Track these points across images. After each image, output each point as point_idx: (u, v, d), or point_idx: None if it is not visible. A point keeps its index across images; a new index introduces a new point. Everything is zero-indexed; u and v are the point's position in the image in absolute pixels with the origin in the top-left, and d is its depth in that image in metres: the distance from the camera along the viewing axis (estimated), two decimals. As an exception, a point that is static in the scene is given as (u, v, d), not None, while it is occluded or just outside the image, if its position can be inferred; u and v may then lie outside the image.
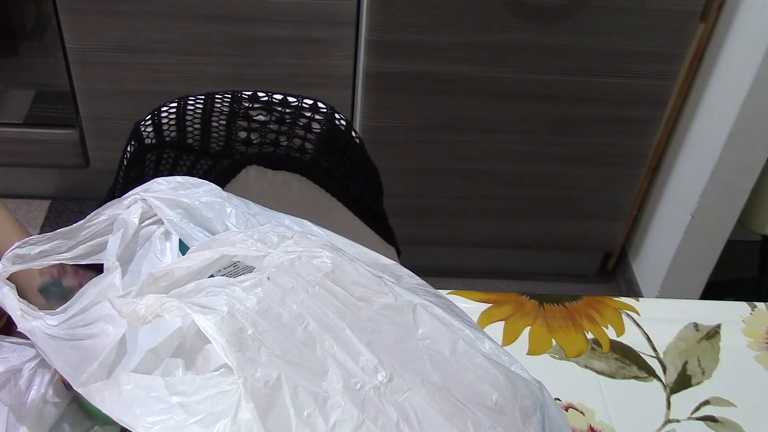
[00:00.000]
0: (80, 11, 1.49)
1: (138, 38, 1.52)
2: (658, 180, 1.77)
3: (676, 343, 0.85)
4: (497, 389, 0.52)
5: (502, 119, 1.59)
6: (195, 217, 0.60)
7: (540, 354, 0.83)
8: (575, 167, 1.68)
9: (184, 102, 0.85)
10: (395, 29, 1.46)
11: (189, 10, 1.48)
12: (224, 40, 1.51)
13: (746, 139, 1.48)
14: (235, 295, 0.49)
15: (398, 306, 0.53)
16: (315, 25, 1.49)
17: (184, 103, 0.86)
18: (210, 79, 1.55)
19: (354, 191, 0.88)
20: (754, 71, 1.39)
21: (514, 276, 1.92)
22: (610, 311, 0.88)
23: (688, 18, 1.47)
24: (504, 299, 0.89)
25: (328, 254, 0.53)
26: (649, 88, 1.55)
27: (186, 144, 0.82)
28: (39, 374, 0.59)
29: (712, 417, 0.78)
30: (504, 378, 0.53)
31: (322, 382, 0.47)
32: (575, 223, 1.78)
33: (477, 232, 1.79)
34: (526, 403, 0.53)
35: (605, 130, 1.61)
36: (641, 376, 0.82)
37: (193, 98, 0.85)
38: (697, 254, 1.68)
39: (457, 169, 1.68)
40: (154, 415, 0.46)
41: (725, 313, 0.89)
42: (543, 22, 1.46)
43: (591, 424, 0.76)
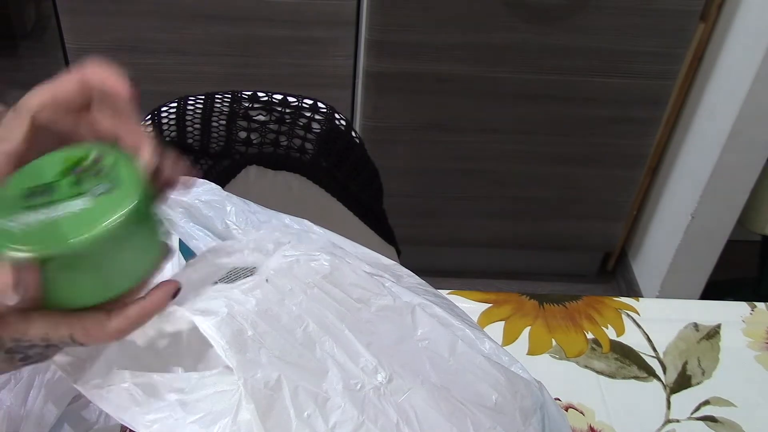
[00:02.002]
0: (80, 11, 1.49)
1: (138, 38, 1.52)
2: (658, 180, 1.77)
3: (676, 343, 0.85)
4: (497, 389, 0.52)
5: (502, 119, 1.59)
6: (195, 216, 0.60)
7: (540, 354, 0.83)
8: (575, 167, 1.68)
9: (183, 102, 0.86)
10: (395, 29, 1.46)
11: (189, 10, 1.48)
12: (224, 40, 1.51)
13: (746, 139, 1.48)
14: (234, 298, 0.49)
15: (396, 308, 0.53)
16: (315, 25, 1.49)
17: (184, 103, 0.86)
18: (210, 79, 1.55)
19: (354, 191, 0.88)
20: (754, 71, 1.39)
21: (514, 276, 1.92)
22: (610, 311, 0.88)
23: (688, 18, 1.47)
24: (504, 299, 0.89)
25: (326, 257, 0.53)
26: (649, 88, 1.55)
27: (186, 144, 0.82)
28: (39, 374, 0.59)
29: (712, 417, 0.78)
30: (504, 378, 0.53)
31: (322, 383, 0.48)
32: (575, 223, 1.78)
33: (477, 232, 1.79)
34: (525, 403, 0.53)
35: (605, 130, 1.61)
36: (641, 376, 0.82)
37: (193, 98, 0.85)
38: (697, 254, 1.68)
39: (457, 169, 1.68)
40: (154, 413, 0.46)
41: (725, 313, 0.89)
42: (543, 22, 1.46)
43: (591, 424, 0.76)
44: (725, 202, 1.59)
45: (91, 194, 0.43)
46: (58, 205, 0.43)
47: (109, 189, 0.43)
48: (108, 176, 0.44)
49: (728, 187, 1.56)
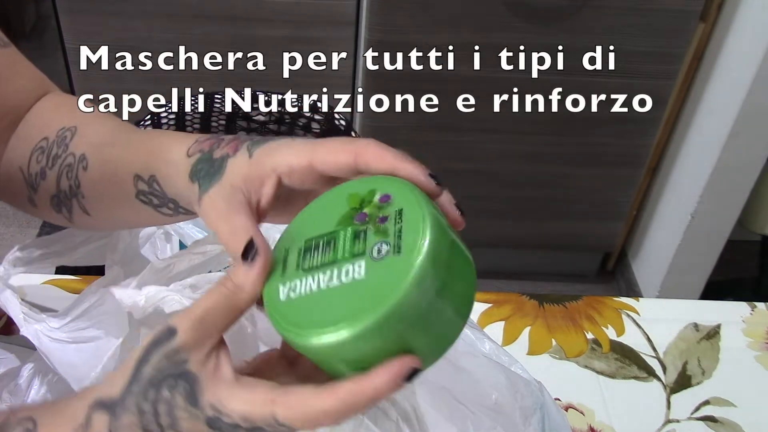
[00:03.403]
0: (80, 11, 1.49)
1: (138, 38, 1.52)
2: (658, 180, 1.77)
3: (676, 343, 0.85)
4: (497, 389, 0.52)
5: (502, 119, 1.59)
6: (195, 217, 0.60)
7: (540, 354, 0.83)
8: (575, 167, 1.68)
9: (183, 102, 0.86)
10: (395, 29, 1.46)
11: (189, 10, 1.48)
12: (224, 40, 1.51)
13: (746, 139, 1.48)
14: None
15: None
16: (315, 25, 1.49)
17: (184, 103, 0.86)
18: (210, 79, 1.56)
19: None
20: (754, 71, 1.39)
21: (514, 276, 1.92)
22: (610, 311, 0.88)
23: (688, 18, 1.47)
24: (504, 299, 0.89)
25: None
26: (649, 88, 1.55)
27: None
28: (38, 374, 0.59)
29: (712, 417, 0.78)
30: (504, 378, 0.53)
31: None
32: (575, 223, 1.78)
33: (477, 232, 1.79)
34: (525, 403, 0.53)
35: (605, 130, 1.61)
36: (641, 376, 0.82)
37: (194, 98, 0.85)
38: (697, 254, 1.68)
39: (457, 169, 1.68)
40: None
41: (725, 313, 0.89)
42: (543, 22, 1.46)
43: (591, 424, 0.76)
44: (725, 202, 1.59)
45: (373, 256, 0.37)
46: (340, 267, 0.37)
47: (392, 248, 0.36)
48: (394, 227, 0.37)
49: (728, 187, 1.56)
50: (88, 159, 0.53)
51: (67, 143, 0.54)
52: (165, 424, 0.39)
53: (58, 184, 0.54)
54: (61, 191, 0.54)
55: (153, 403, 0.38)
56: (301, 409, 0.36)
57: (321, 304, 0.37)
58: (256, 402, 0.37)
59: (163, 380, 0.38)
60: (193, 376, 0.38)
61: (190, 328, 0.38)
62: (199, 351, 0.38)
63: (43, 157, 0.55)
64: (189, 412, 0.38)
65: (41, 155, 0.56)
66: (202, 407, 0.38)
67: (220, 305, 0.39)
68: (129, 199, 0.50)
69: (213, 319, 0.39)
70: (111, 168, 0.51)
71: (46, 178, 0.55)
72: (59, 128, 0.56)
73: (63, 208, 0.55)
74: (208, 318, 0.39)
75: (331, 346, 0.35)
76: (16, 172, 0.57)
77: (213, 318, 0.39)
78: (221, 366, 0.39)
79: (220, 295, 0.39)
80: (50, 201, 0.55)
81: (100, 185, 0.52)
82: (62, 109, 0.59)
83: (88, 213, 0.54)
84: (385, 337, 0.35)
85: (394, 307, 0.35)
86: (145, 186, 0.49)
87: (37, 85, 0.60)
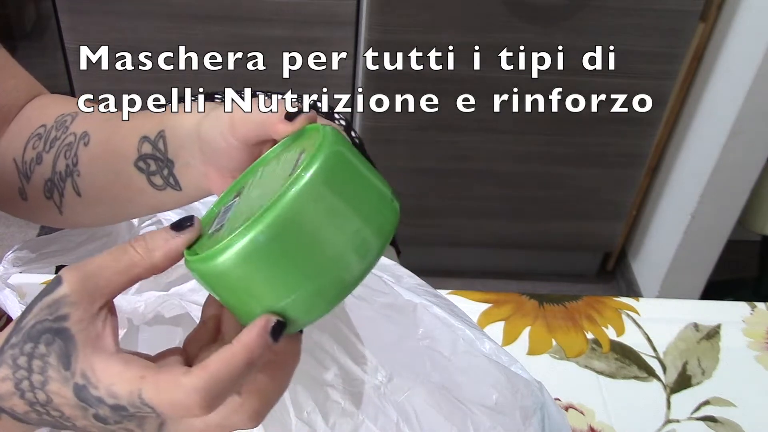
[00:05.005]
0: (80, 11, 1.49)
1: (138, 38, 1.52)
2: (658, 180, 1.77)
3: (676, 343, 0.85)
4: (497, 389, 0.52)
5: (502, 119, 1.59)
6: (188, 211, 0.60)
7: (540, 354, 0.83)
8: (575, 167, 1.68)
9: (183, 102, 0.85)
10: (395, 29, 1.46)
11: (189, 10, 1.48)
12: (224, 40, 1.51)
13: (746, 139, 1.48)
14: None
15: (399, 305, 0.53)
16: (315, 25, 1.49)
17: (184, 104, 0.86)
18: (210, 79, 1.55)
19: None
20: (754, 71, 1.39)
21: (514, 276, 1.92)
22: (610, 311, 0.88)
23: (688, 18, 1.47)
24: (504, 299, 0.88)
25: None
26: (649, 88, 1.55)
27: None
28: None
29: (712, 417, 0.78)
30: (504, 378, 0.53)
31: (321, 382, 0.47)
32: (575, 223, 1.78)
33: (477, 232, 1.79)
34: (526, 403, 0.53)
35: (605, 130, 1.61)
36: (641, 376, 0.82)
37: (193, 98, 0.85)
38: (697, 254, 1.68)
39: (456, 169, 1.68)
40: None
41: (725, 313, 0.89)
42: (543, 22, 1.46)
43: (591, 424, 0.76)
44: (725, 202, 1.59)
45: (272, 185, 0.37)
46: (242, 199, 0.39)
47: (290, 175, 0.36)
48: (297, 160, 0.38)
49: (728, 187, 1.56)
50: (91, 135, 0.53)
51: (68, 125, 0.54)
52: (36, 383, 0.36)
53: (54, 165, 0.54)
54: (56, 173, 0.54)
55: (29, 357, 0.36)
56: (168, 387, 0.34)
57: (217, 236, 0.37)
58: (125, 377, 0.35)
59: (41, 334, 0.36)
60: (70, 334, 0.36)
61: (77, 281, 0.36)
62: (82, 309, 0.36)
63: (41, 142, 0.55)
64: (60, 373, 0.36)
65: (38, 141, 0.55)
66: (73, 371, 0.35)
67: (118, 265, 0.37)
68: (125, 171, 0.49)
69: (106, 277, 0.37)
70: (118, 136, 0.51)
71: (42, 162, 0.55)
72: (58, 115, 0.56)
73: (55, 192, 0.54)
74: (100, 274, 0.37)
75: (217, 268, 0.34)
76: (9, 165, 0.57)
77: (106, 276, 0.37)
78: (104, 335, 0.36)
79: (122, 255, 0.37)
80: (43, 187, 0.55)
81: (100, 161, 0.52)
82: (60, 101, 0.59)
83: (80, 194, 0.53)
84: (266, 257, 0.34)
85: (274, 220, 0.33)
86: (149, 147, 0.48)
87: (29, 87, 0.61)
